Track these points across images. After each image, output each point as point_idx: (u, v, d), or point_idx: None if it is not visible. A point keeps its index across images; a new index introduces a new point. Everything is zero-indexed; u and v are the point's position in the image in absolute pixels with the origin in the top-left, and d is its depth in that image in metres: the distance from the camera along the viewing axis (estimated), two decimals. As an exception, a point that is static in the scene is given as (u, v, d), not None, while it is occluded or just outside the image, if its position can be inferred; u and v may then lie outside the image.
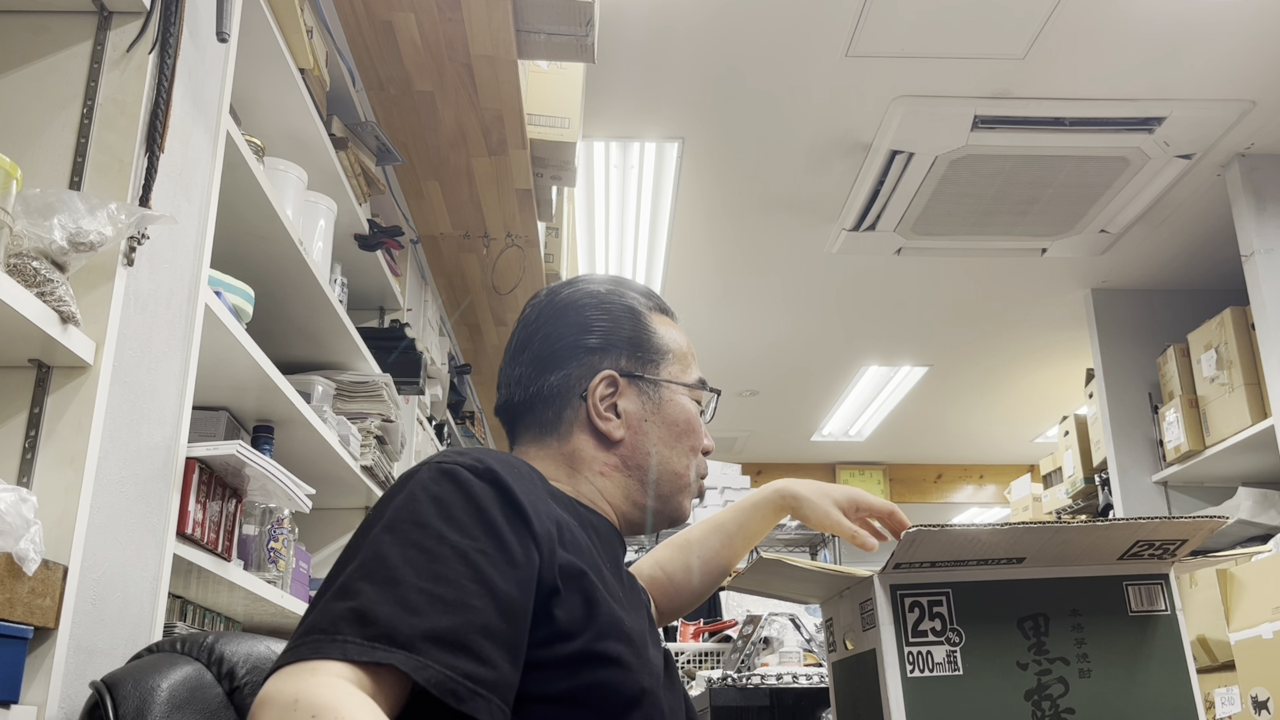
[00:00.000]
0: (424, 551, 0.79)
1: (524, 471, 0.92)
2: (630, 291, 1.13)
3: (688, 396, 1.10)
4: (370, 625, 0.74)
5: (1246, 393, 3.66)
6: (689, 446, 1.09)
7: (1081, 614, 0.95)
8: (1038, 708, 0.92)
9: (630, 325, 1.10)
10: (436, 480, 0.84)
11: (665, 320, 1.14)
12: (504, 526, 0.83)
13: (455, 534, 0.80)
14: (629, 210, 3.91)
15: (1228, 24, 2.90)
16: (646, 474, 1.07)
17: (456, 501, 0.83)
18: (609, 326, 1.09)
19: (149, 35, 1.33)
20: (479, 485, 0.84)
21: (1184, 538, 0.95)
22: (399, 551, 0.79)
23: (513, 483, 0.86)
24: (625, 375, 1.07)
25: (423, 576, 0.77)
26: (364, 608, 0.75)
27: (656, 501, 1.07)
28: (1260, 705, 2.68)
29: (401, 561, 0.78)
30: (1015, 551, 0.93)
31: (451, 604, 0.76)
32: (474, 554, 0.80)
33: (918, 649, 0.92)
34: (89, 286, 1.23)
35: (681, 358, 1.12)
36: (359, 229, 2.52)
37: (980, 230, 4.03)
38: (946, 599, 0.93)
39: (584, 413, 1.05)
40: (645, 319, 1.11)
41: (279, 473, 1.71)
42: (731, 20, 2.90)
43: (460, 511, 0.82)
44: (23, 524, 1.02)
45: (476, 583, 0.78)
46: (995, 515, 7.99)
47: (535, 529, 0.85)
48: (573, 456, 1.06)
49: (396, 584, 0.76)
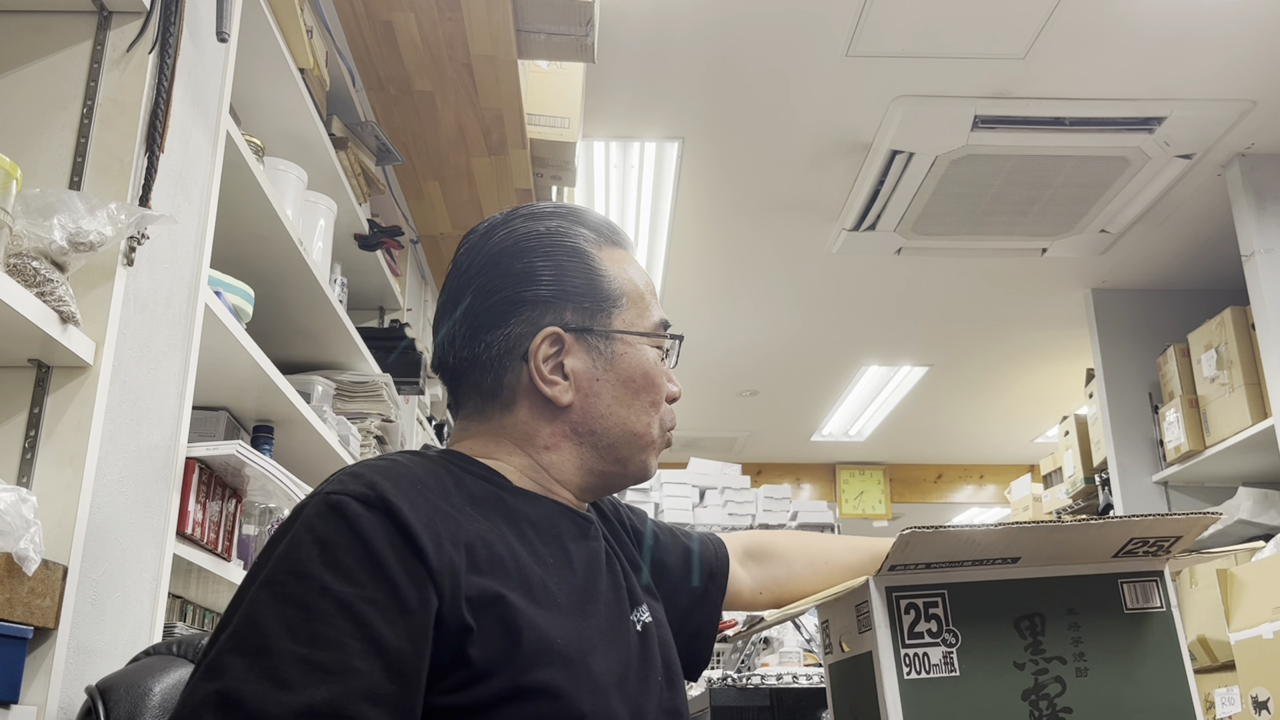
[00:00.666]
0: (302, 608, 0.72)
1: (426, 485, 0.83)
2: (577, 226, 0.99)
3: (647, 344, 0.98)
4: (235, 710, 0.67)
5: (1247, 393, 3.66)
6: (649, 402, 0.97)
7: (1078, 613, 0.95)
8: (1035, 707, 0.92)
9: (577, 270, 0.96)
10: (323, 518, 0.76)
11: (619, 256, 1.00)
12: (395, 567, 0.74)
13: (339, 583, 0.73)
14: (629, 210, 3.92)
15: (1228, 24, 2.90)
16: (601, 439, 0.95)
17: (342, 543, 0.75)
18: (552, 274, 0.95)
19: (149, 35, 1.33)
20: (368, 519, 0.76)
21: (1178, 534, 0.95)
22: (274, 611, 0.72)
23: (408, 510, 0.77)
24: (571, 330, 0.94)
25: (299, 640, 0.70)
26: (229, 690, 0.68)
27: (616, 465, 0.97)
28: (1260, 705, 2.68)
29: (277, 624, 0.71)
30: (1010, 551, 0.93)
31: (330, 670, 0.70)
32: (360, 605, 0.72)
33: (914, 651, 0.92)
34: (89, 286, 1.23)
35: (638, 300, 0.99)
36: (359, 229, 2.52)
37: (980, 230, 4.03)
38: (942, 600, 0.94)
39: (527, 376, 0.93)
40: (594, 260, 0.97)
41: (279, 473, 1.72)
42: (731, 20, 2.90)
43: (346, 554, 0.74)
44: (22, 524, 1.02)
45: (361, 639, 0.71)
46: (995, 515, 7.99)
47: (432, 564, 0.76)
48: (516, 430, 0.95)
49: (268, 653, 0.70)
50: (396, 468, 0.84)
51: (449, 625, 0.76)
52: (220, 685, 0.69)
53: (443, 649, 0.76)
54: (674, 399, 1.01)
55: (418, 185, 2.93)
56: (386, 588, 0.74)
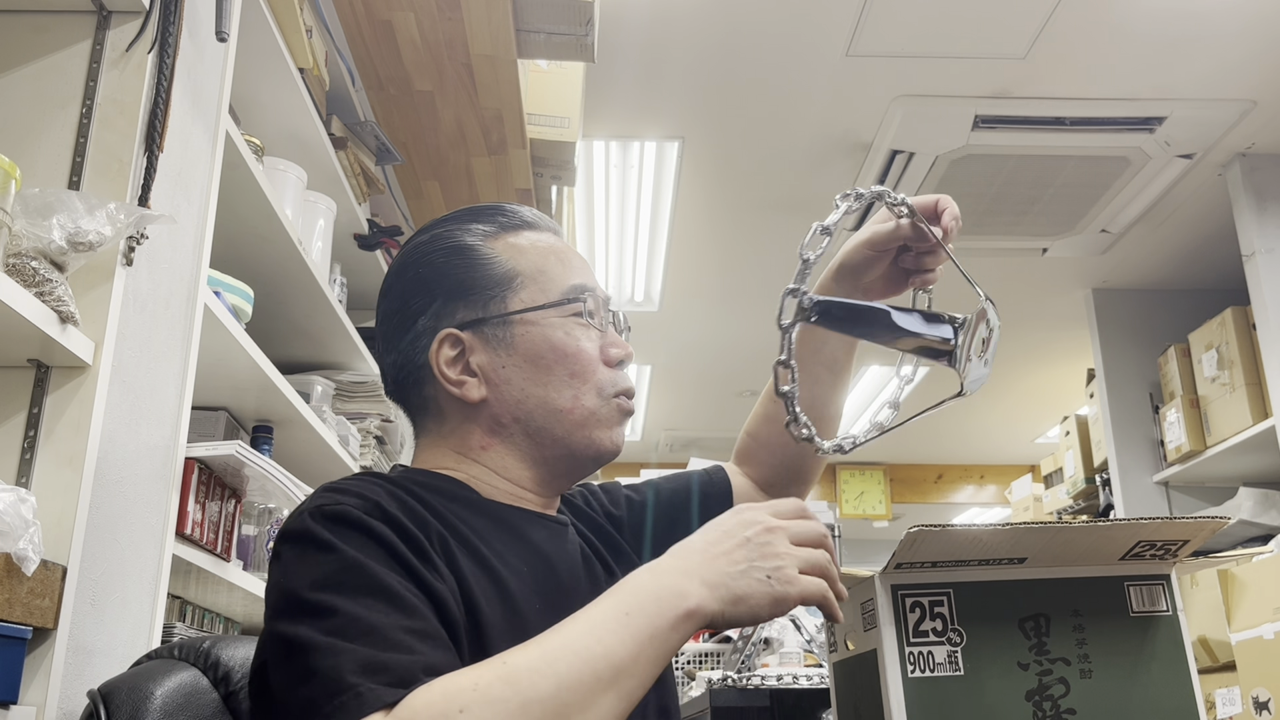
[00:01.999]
0: (376, 591, 0.74)
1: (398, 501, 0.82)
2: (467, 224, 0.97)
3: (555, 316, 0.93)
4: (381, 673, 0.67)
5: (1247, 393, 3.66)
6: (567, 374, 0.92)
7: (1083, 614, 0.95)
8: (1039, 708, 0.91)
9: (460, 266, 0.94)
10: (333, 525, 0.78)
11: (518, 239, 0.97)
12: (416, 563, 0.78)
13: (387, 567, 0.76)
14: (629, 210, 3.91)
15: (1228, 24, 2.90)
16: (527, 425, 0.92)
17: (367, 540, 0.77)
18: (436, 277, 0.94)
19: (148, 35, 1.33)
20: (372, 522, 0.78)
21: (1186, 538, 0.95)
22: (351, 602, 0.72)
23: (404, 517, 0.80)
24: (466, 327, 0.93)
25: (392, 614, 0.72)
26: (369, 658, 0.68)
27: (558, 448, 0.93)
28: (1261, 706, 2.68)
29: (363, 609, 0.72)
30: (1016, 552, 0.93)
31: (431, 635, 0.72)
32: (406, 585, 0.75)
33: (919, 649, 0.91)
34: (88, 286, 1.22)
35: (536, 275, 0.95)
36: (358, 229, 2.52)
37: (981, 230, 4.03)
38: (948, 599, 0.93)
39: (441, 385, 0.92)
40: (480, 251, 0.95)
41: (278, 473, 1.71)
42: (731, 20, 2.90)
43: (376, 547, 0.77)
44: (22, 524, 1.02)
45: (428, 613, 0.74)
46: (996, 516, 7.98)
47: (439, 567, 0.80)
48: (454, 439, 0.94)
49: (375, 630, 0.70)
50: (367, 487, 0.83)
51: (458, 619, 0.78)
52: (352, 657, 0.68)
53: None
54: (614, 362, 0.96)
55: (417, 185, 2.93)
56: (418, 581, 0.76)
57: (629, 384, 0.97)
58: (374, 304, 1.02)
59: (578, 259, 0.99)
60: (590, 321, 0.95)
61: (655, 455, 7.12)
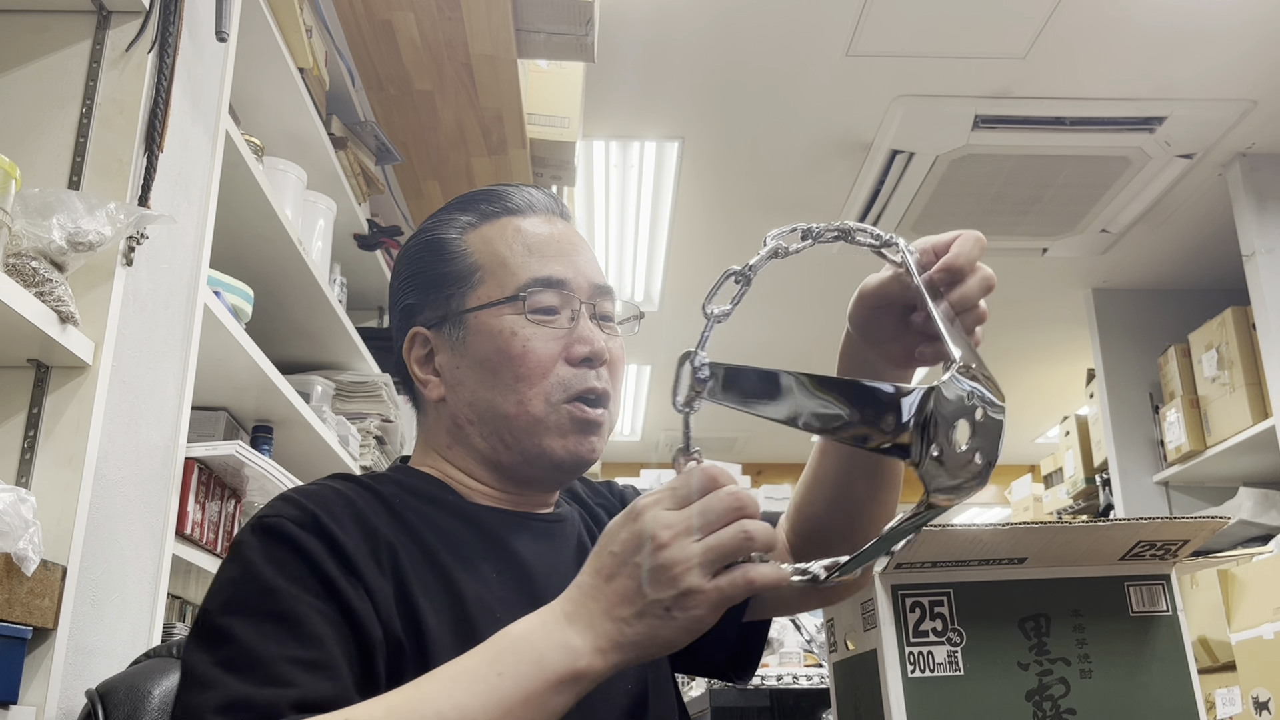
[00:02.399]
0: (276, 618, 0.73)
1: (356, 508, 0.81)
2: (454, 215, 0.94)
3: (509, 313, 0.87)
4: (244, 710, 0.67)
5: (1248, 393, 3.66)
6: (513, 377, 0.86)
7: (1083, 614, 0.95)
8: (1039, 708, 0.91)
9: (432, 262, 0.92)
10: (264, 539, 0.77)
11: (489, 228, 0.92)
12: (340, 580, 0.76)
13: (299, 590, 0.74)
14: (629, 210, 3.91)
15: (1228, 23, 2.90)
16: (480, 429, 0.88)
17: (288, 558, 0.76)
18: (412, 275, 0.93)
19: (148, 35, 1.33)
20: (304, 537, 0.77)
21: (1186, 538, 0.95)
22: (253, 627, 0.72)
23: (339, 532, 0.78)
24: (431, 325, 0.91)
25: (285, 644, 0.71)
26: (235, 695, 0.67)
27: (514, 455, 0.88)
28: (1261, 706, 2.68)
29: (258, 638, 0.71)
30: (1017, 552, 0.93)
31: (323, 665, 0.71)
32: (317, 610, 0.74)
33: (919, 649, 0.91)
34: (88, 286, 1.22)
35: (496, 268, 0.89)
36: (358, 229, 2.52)
37: (981, 230, 4.02)
38: (948, 599, 0.93)
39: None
40: (448, 246, 0.92)
41: (278, 473, 1.71)
42: (731, 20, 2.90)
43: (293, 568, 0.75)
44: (21, 524, 1.02)
45: (337, 638, 0.73)
46: (996, 515, 7.98)
47: (369, 581, 0.77)
48: (429, 437, 0.92)
49: (260, 662, 0.69)
50: (325, 492, 0.82)
51: (386, 636, 0.76)
52: (222, 694, 0.67)
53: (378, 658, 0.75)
54: (577, 360, 0.87)
55: (417, 185, 2.93)
56: (336, 599, 0.74)
57: (586, 385, 0.87)
58: (374, 304, 1.03)
59: (558, 245, 0.91)
60: (546, 318, 0.87)
61: (655, 455, 7.12)
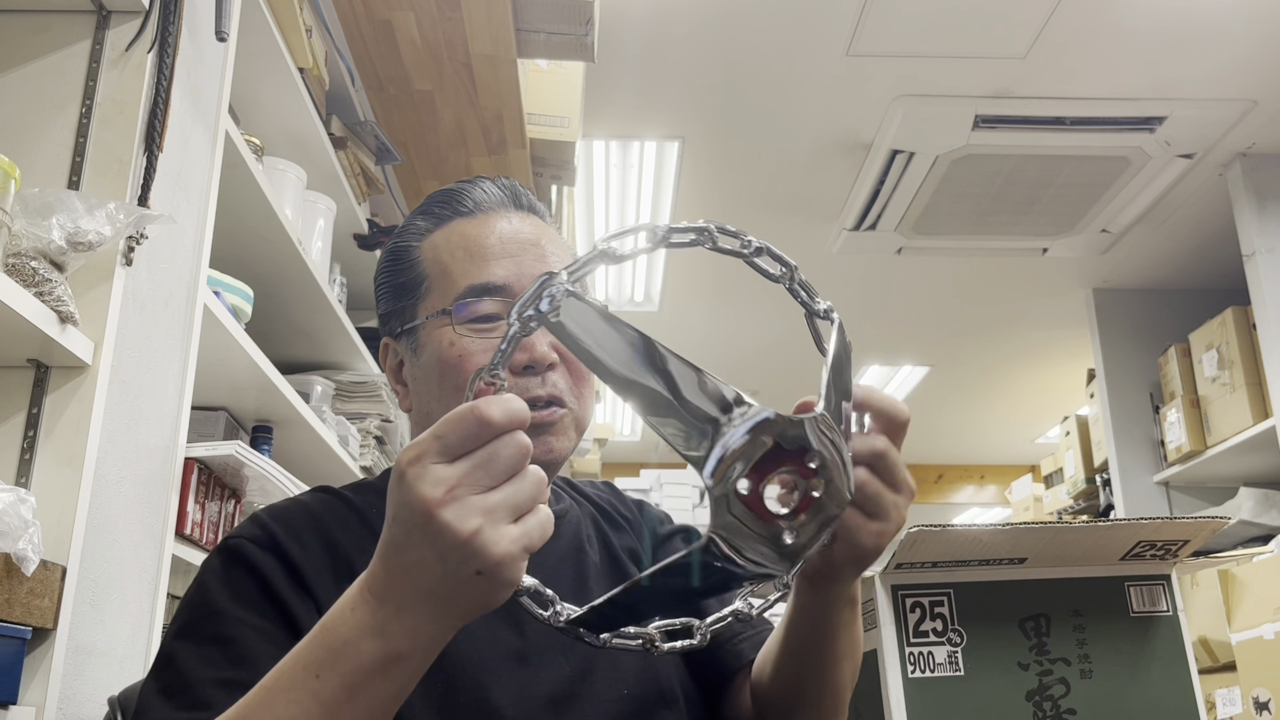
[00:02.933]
0: (218, 640, 0.75)
1: (324, 523, 0.83)
2: (412, 220, 0.93)
3: (451, 323, 0.86)
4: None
5: (1248, 393, 3.66)
6: (453, 387, 0.85)
7: (1083, 614, 0.95)
8: (1039, 708, 0.91)
9: (393, 272, 0.92)
10: (223, 560, 0.79)
11: (440, 234, 0.90)
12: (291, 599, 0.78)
13: (246, 612, 0.76)
14: (629, 210, 3.91)
15: (1229, 23, 2.89)
16: None
17: (241, 580, 0.78)
18: (380, 284, 0.94)
19: (148, 34, 1.33)
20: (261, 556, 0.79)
21: (1186, 538, 0.95)
22: (194, 650, 0.75)
23: (296, 550, 0.80)
24: (395, 335, 0.92)
25: (217, 666, 0.72)
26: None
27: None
28: (1261, 706, 2.67)
29: (197, 661, 0.74)
30: (1017, 552, 0.93)
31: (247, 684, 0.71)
32: (261, 632, 0.75)
33: (919, 649, 0.91)
34: (87, 286, 1.22)
35: (440, 277, 0.88)
36: (358, 229, 2.52)
37: (981, 230, 4.03)
38: (948, 599, 0.93)
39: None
40: (405, 255, 0.91)
41: (278, 473, 1.71)
42: (732, 20, 2.90)
43: (246, 588, 0.78)
44: (21, 524, 1.02)
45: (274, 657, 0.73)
46: (996, 516, 7.98)
47: (319, 599, 0.78)
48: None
49: (189, 686, 0.72)
50: (293, 508, 0.83)
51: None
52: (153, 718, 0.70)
53: None
54: (519, 368, 0.83)
55: (417, 185, 2.93)
56: (283, 615, 0.75)
57: (528, 395, 0.83)
58: (373, 304, 1.01)
59: (501, 247, 0.88)
60: (482, 326, 0.85)
61: (655, 455, 7.12)
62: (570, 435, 0.87)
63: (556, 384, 0.85)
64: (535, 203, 0.94)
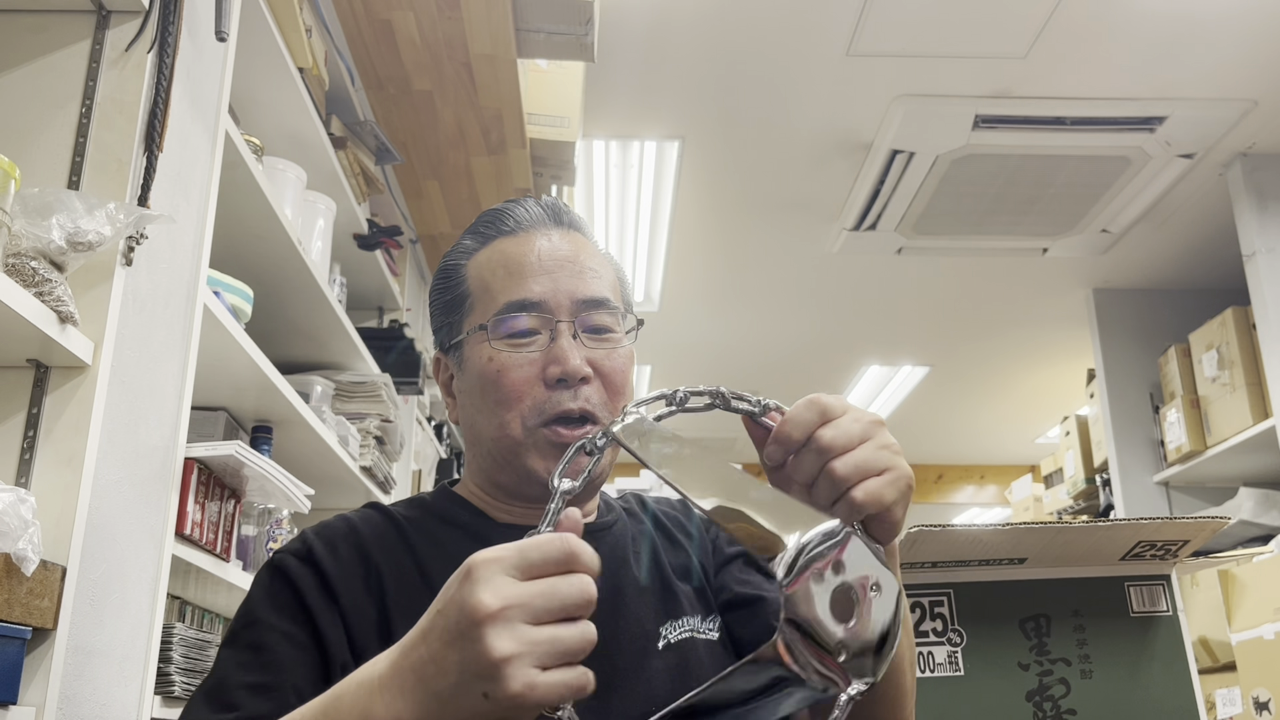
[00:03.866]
0: (252, 648, 0.81)
1: (366, 541, 0.88)
2: (463, 239, 0.97)
3: (492, 339, 0.89)
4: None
5: (1248, 393, 3.66)
6: (494, 401, 0.88)
7: (1083, 615, 0.95)
8: (1039, 708, 0.91)
9: (442, 289, 0.96)
10: (268, 573, 0.86)
11: (485, 253, 0.94)
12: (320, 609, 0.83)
13: (280, 620, 0.82)
14: (629, 210, 3.91)
15: (1229, 23, 2.89)
16: (478, 449, 0.92)
17: (280, 590, 0.84)
18: (433, 301, 0.98)
19: (147, 34, 1.33)
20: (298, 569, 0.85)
21: (1186, 538, 0.95)
22: (231, 654, 0.82)
23: (330, 565, 0.85)
24: (446, 351, 0.96)
25: (249, 671, 0.79)
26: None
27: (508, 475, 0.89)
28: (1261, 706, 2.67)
29: (233, 665, 0.81)
30: (1017, 552, 0.93)
31: (274, 687, 0.78)
32: (288, 638, 0.81)
33: (919, 649, 0.91)
34: (87, 286, 1.22)
35: (482, 294, 0.92)
36: (358, 228, 2.52)
37: (981, 230, 4.03)
38: (948, 599, 0.93)
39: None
40: (454, 272, 0.95)
41: (278, 473, 1.71)
42: (731, 19, 2.90)
43: (282, 597, 0.84)
44: (21, 524, 1.01)
45: (301, 662, 0.80)
46: (996, 516, 7.98)
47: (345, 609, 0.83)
48: (466, 456, 0.99)
49: (223, 687, 0.79)
50: (337, 524, 0.89)
51: (359, 656, 0.80)
52: (191, 716, 0.77)
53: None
54: (552, 380, 0.86)
55: (417, 185, 2.93)
56: (311, 625, 0.81)
57: (561, 408, 0.86)
58: (373, 304, 1.03)
59: (539, 264, 0.91)
60: (519, 341, 0.88)
61: (655, 455, 7.12)
62: (605, 453, 0.88)
63: (590, 398, 0.87)
64: (577, 219, 0.97)
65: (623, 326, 0.93)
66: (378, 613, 0.83)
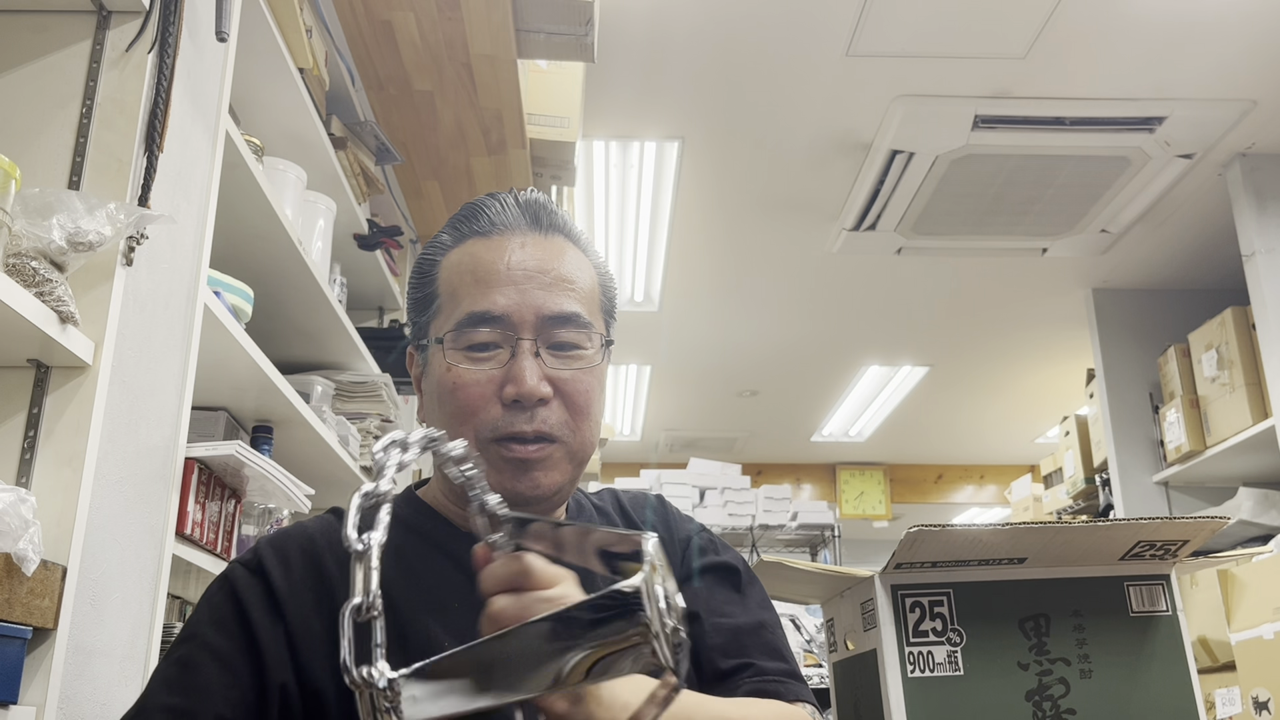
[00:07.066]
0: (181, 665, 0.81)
1: (319, 551, 0.85)
2: (441, 233, 0.94)
3: (451, 348, 0.86)
4: None
5: (1247, 393, 3.66)
6: (450, 413, 0.85)
7: (1083, 614, 0.95)
8: (1039, 708, 0.91)
9: (415, 284, 0.94)
10: (217, 584, 0.85)
11: (456, 253, 0.91)
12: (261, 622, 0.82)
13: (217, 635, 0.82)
14: (629, 210, 3.91)
15: (1228, 23, 2.90)
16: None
17: (223, 603, 0.84)
18: (408, 294, 0.96)
19: (148, 35, 1.33)
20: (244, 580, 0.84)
21: (1185, 538, 0.95)
22: (161, 671, 0.83)
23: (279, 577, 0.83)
24: (416, 347, 0.94)
25: (174, 692, 0.79)
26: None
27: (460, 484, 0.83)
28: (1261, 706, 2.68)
29: (159, 684, 0.81)
30: (1016, 552, 0.93)
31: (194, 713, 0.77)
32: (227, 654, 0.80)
33: (919, 649, 0.91)
34: (88, 286, 1.22)
35: (448, 300, 0.89)
36: (358, 229, 2.52)
37: (981, 230, 4.03)
38: (948, 599, 0.93)
39: None
40: (428, 269, 0.92)
41: (278, 473, 1.71)
42: (731, 20, 2.90)
43: (223, 611, 0.83)
44: (21, 524, 1.02)
45: (227, 684, 0.79)
46: (996, 515, 7.98)
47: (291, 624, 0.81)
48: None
49: (144, 711, 0.79)
50: (296, 532, 0.87)
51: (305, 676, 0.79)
52: None
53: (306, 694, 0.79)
54: (508, 400, 0.84)
55: (417, 185, 2.93)
56: (250, 641, 0.80)
57: (513, 429, 0.83)
58: (374, 304, 1.03)
59: (508, 274, 0.87)
60: (478, 355, 0.85)
61: (655, 455, 7.13)
62: (562, 468, 0.86)
63: (546, 419, 0.84)
64: (560, 219, 0.93)
65: (593, 343, 0.89)
66: (325, 629, 0.80)
